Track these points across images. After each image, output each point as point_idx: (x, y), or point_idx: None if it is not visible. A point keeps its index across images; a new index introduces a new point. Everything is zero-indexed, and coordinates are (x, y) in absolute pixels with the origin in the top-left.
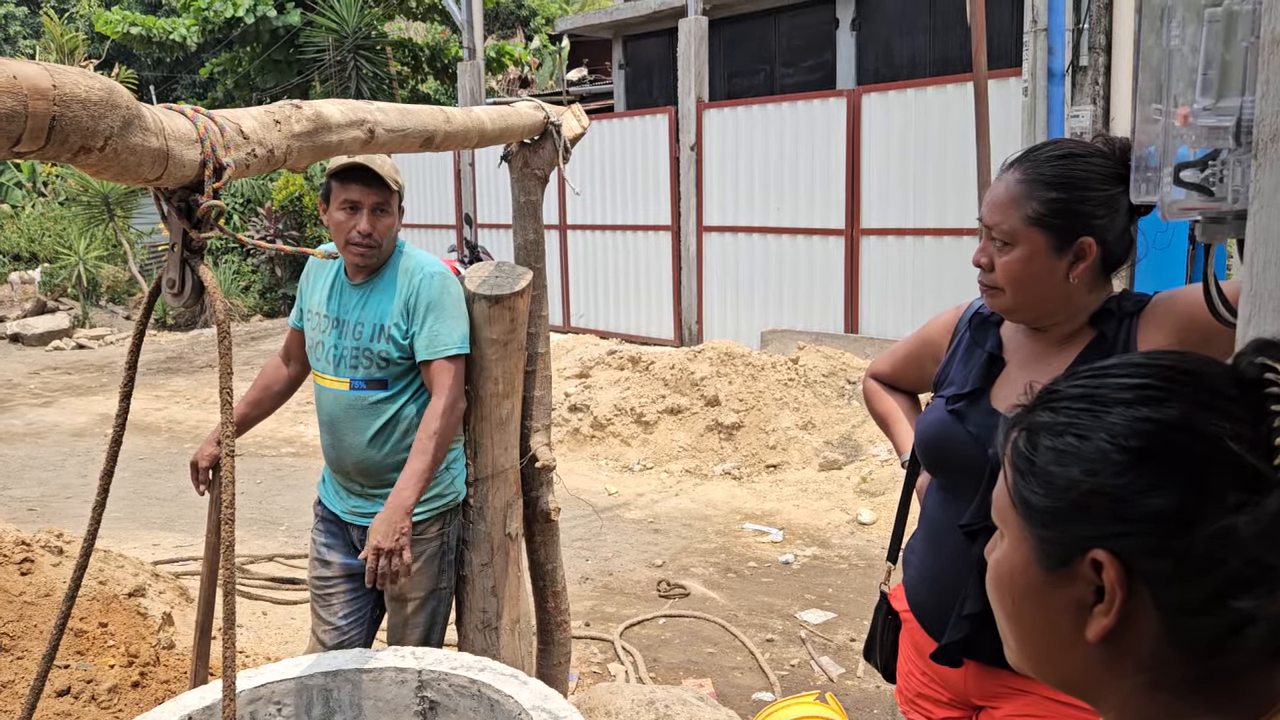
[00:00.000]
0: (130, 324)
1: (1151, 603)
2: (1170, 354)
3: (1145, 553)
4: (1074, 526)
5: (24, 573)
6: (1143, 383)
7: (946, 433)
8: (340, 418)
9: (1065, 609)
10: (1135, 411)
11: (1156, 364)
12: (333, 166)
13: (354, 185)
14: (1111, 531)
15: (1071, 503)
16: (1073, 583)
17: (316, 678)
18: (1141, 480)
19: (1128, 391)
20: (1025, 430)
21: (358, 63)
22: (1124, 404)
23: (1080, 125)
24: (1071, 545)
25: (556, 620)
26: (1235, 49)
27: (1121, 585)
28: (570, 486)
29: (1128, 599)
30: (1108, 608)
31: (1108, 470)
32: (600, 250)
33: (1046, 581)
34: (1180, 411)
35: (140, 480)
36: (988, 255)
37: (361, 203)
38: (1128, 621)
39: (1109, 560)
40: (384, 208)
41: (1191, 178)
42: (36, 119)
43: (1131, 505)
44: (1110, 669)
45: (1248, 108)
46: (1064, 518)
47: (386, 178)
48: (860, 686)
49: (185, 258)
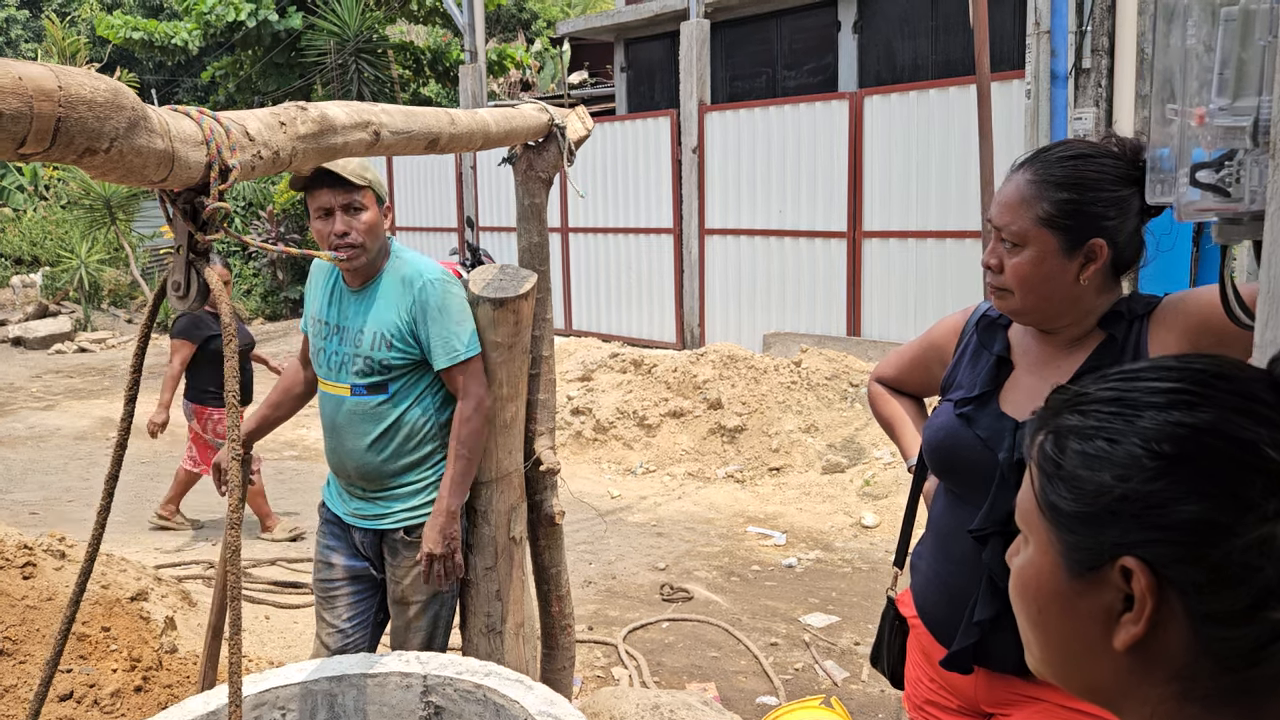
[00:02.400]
0: (132, 327)
1: (1183, 612)
2: (1203, 357)
3: (1177, 561)
4: (1103, 533)
5: (26, 577)
6: (1176, 386)
7: (955, 437)
8: (341, 423)
9: (1092, 616)
10: (1168, 416)
11: (1189, 367)
12: (298, 180)
13: (321, 191)
14: (1142, 538)
15: (1101, 508)
16: (1101, 590)
17: (321, 683)
18: (1174, 486)
19: (1160, 395)
20: (1052, 433)
21: (359, 66)
22: (1156, 408)
23: (1083, 128)
24: (1100, 552)
25: (561, 624)
26: (1252, 48)
27: (1152, 594)
28: (573, 490)
29: (1158, 607)
30: (1137, 616)
31: (1139, 476)
32: (602, 253)
33: (1073, 588)
34: (1215, 416)
35: (143, 484)
36: (997, 257)
37: (332, 206)
38: (1157, 630)
39: (1139, 568)
40: (355, 206)
41: (1207, 179)
42: (42, 120)
43: (1164, 512)
44: (1138, 679)
45: (1265, 108)
46: (1093, 524)
47: (351, 175)
48: (865, 691)
49: (191, 260)
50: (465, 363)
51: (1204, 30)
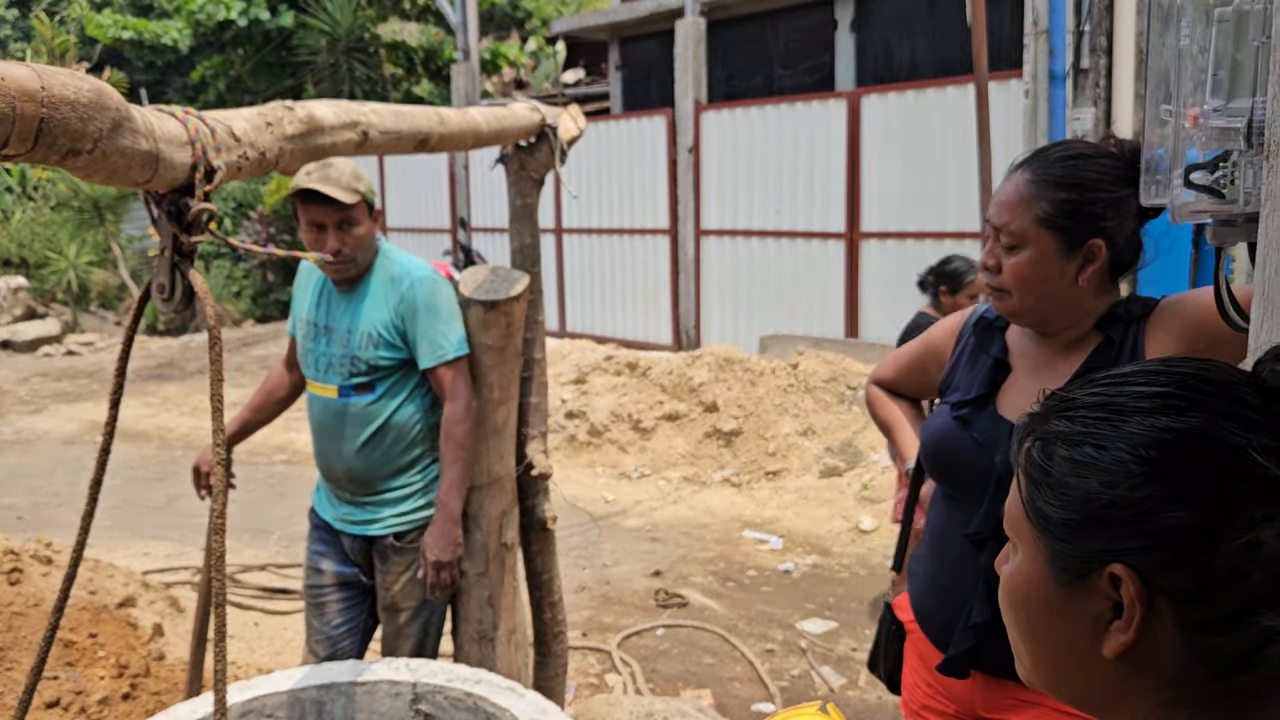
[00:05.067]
0: (121, 330)
1: (1172, 619)
2: (1190, 361)
3: (1166, 568)
4: (1091, 540)
5: (13, 583)
6: (1162, 391)
7: (952, 440)
8: (330, 425)
9: (1081, 624)
10: (1155, 421)
11: (1176, 371)
12: (293, 186)
13: (313, 206)
14: (1131, 545)
15: (1089, 515)
16: (1090, 597)
17: (309, 690)
18: (1162, 493)
19: (1147, 400)
20: (1039, 439)
21: (351, 65)
22: (1143, 413)
23: (1082, 128)
24: (1089, 559)
25: (553, 631)
26: (1246, 49)
27: (1141, 601)
28: (567, 494)
29: (1147, 615)
30: (1126, 624)
31: (1127, 482)
32: (596, 254)
33: (1062, 596)
34: (1202, 421)
35: (130, 488)
36: (995, 257)
37: (325, 222)
38: (1147, 638)
39: (1128, 575)
40: (349, 222)
41: (1202, 180)
42: (24, 121)
43: (1152, 519)
44: (1127, 686)
45: (1259, 109)
46: (1081, 531)
47: (344, 192)
48: (862, 697)
49: (175, 262)
50: (452, 363)
51: (1198, 31)
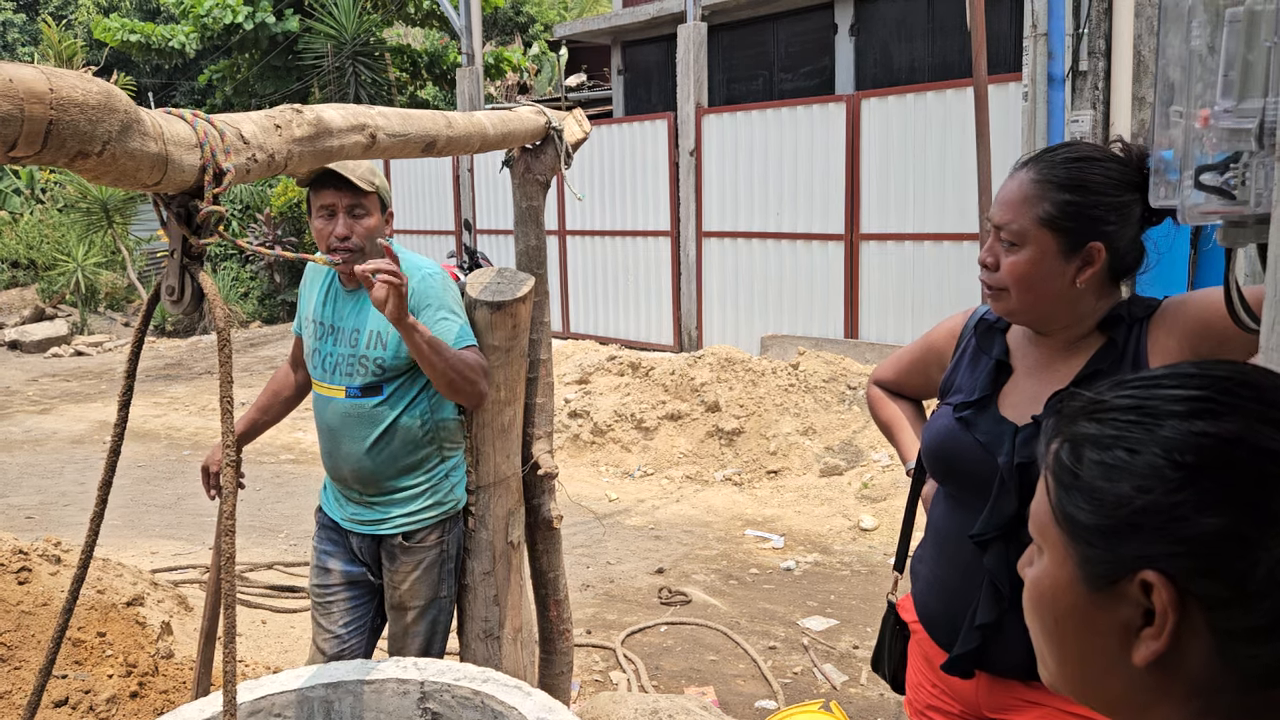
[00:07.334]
0: (129, 331)
1: (1205, 627)
2: (1225, 364)
3: (1200, 575)
4: (1123, 546)
5: (21, 582)
6: (1198, 394)
7: (954, 440)
8: (337, 426)
9: (1111, 631)
10: (1190, 425)
11: (1211, 374)
12: (305, 176)
13: (327, 190)
14: (1164, 552)
15: (1121, 520)
16: (1120, 604)
17: (317, 689)
18: (1197, 498)
19: (1181, 404)
20: (1068, 441)
21: (356, 69)
22: (1178, 416)
23: (1081, 130)
24: (1120, 565)
25: (559, 629)
26: (1258, 49)
27: (1174, 609)
28: (571, 493)
29: (1179, 623)
30: (1158, 631)
31: (1161, 487)
32: (600, 256)
33: (1091, 602)
34: (1240, 426)
35: (139, 488)
36: (994, 255)
37: (336, 206)
38: (1178, 646)
39: (1160, 582)
40: (360, 209)
41: (1212, 181)
42: (33, 123)
43: (1186, 525)
44: (1157, 695)
45: (1270, 110)
46: (1112, 536)
47: (359, 179)
48: (864, 694)
49: (185, 264)
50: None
51: (1209, 31)
